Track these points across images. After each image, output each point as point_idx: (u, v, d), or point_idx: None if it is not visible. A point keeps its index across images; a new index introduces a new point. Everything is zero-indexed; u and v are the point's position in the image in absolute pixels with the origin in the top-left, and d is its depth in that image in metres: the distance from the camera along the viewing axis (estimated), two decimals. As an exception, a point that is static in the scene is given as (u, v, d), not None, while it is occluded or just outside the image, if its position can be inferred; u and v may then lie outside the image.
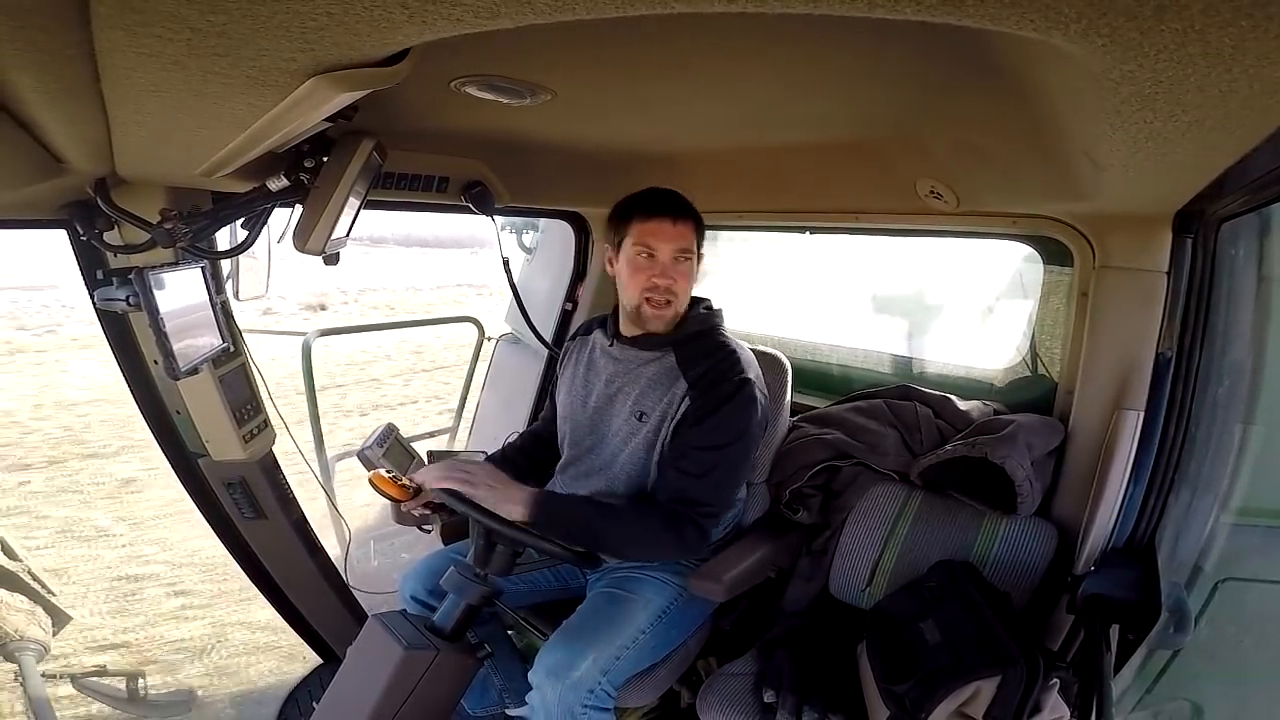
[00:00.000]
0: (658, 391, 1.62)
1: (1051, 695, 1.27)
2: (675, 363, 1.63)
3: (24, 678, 2.07)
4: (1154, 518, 1.50)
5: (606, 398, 1.70)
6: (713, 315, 1.70)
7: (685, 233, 1.58)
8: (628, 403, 1.66)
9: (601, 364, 1.74)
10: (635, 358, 1.68)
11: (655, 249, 1.57)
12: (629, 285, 1.61)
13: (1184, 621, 1.32)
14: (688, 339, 1.65)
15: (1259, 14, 0.47)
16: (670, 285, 1.58)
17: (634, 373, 1.67)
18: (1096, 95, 0.69)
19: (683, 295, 1.61)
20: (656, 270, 1.57)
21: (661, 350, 1.65)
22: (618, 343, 1.70)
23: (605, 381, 1.71)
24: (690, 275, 1.61)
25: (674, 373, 1.62)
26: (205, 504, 1.83)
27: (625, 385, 1.67)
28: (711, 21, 0.86)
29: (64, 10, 0.56)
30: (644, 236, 1.57)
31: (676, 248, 1.57)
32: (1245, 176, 0.96)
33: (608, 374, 1.71)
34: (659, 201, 1.59)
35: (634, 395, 1.65)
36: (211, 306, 1.51)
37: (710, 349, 1.64)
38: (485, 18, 0.55)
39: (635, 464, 1.65)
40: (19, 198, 1.20)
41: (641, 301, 1.60)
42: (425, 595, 1.71)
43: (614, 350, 1.71)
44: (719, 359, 1.62)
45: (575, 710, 1.42)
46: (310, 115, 0.84)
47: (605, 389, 1.71)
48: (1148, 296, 1.52)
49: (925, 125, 1.39)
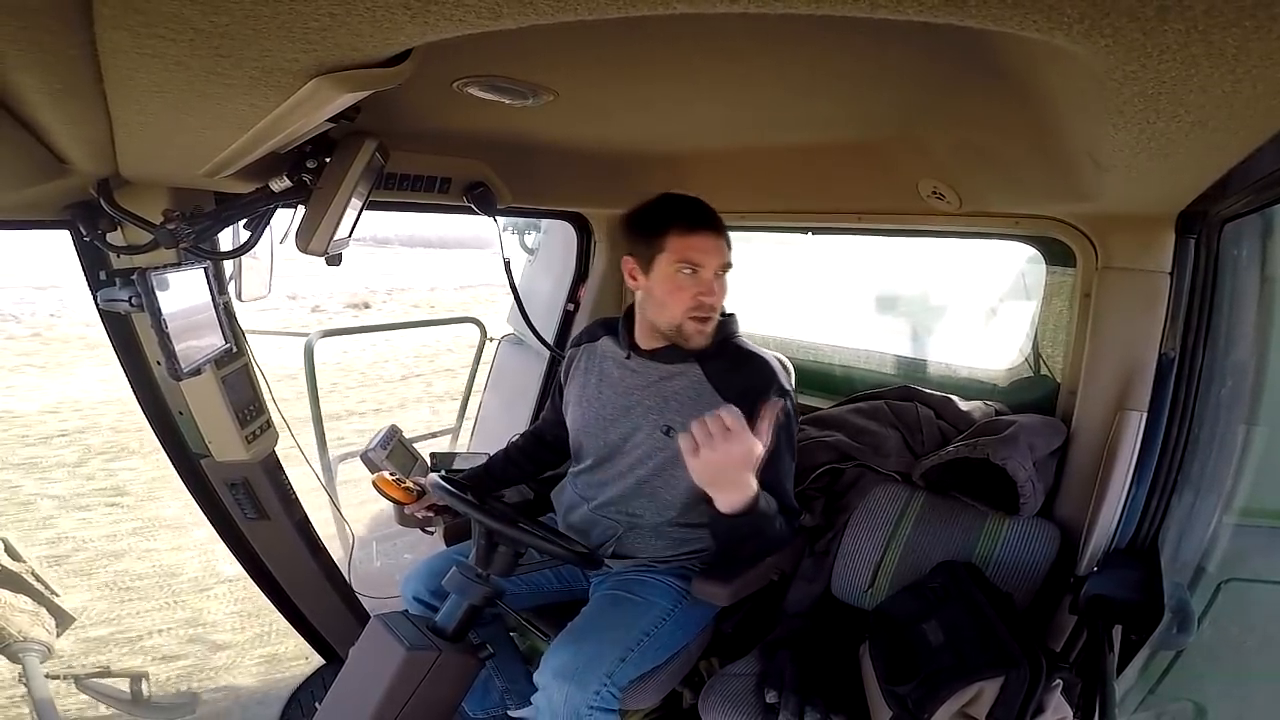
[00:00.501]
0: (686, 408, 1.59)
1: (1054, 696, 1.26)
2: (703, 376, 1.60)
3: (28, 678, 2.07)
4: (1157, 518, 1.50)
5: (623, 409, 1.67)
6: (730, 322, 1.67)
7: (725, 247, 1.54)
8: (650, 416, 1.63)
9: (616, 376, 1.70)
10: (656, 371, 1.64)
11: (701, 265, 1.52)
12: (669, 303, 1.55)
13: (1187, 622, 1.32)
14: (712, 350, 1.62)
15: (1262, 14, 0.47)
16: (714, 302, 1.55)
17: (655, 387, 1.64)
18: (1099, 96, 0.69)
19: (719, 310, 1.58)
20: (703, 288, 1.53)
21: (685, 363, 1.62)
22: (635, 355, 1.66)
23: (622, 394, 1.68)
24: (726, 289, 1.58)
25: (703, 386, 1.60)
26: (208, 504, 1.83)
27: (644, 398, 1.65)
28: (714, 22, 0.86)
29: (67, 11, 0.56)
30: (688, 252, 1.51)
31: (720, 263, 1.53)
32: (1248, 177, 0.96)
33: (624, 387, 1.68)
34: (698, 214, 1.54)
35: (657, 409, 1.62)
36: (214, 307, 1.51)
37: (738, 360, 1.62)
38: (487, 18, 0.55)
39: (663, 479, 1.63)
40: (22, 198, 1.20)
41: (684, 320, 1.55)
42: (427, 596, 1.70)
43: (631, 363, 1.67)
44: (752, 370, 1.60)
45: (581, 711, 1.42)
46: (313, 116, 0.84)
47: (622, 401, 1.68)
48: (1150, 297, 1.52)
49: (927, 126, 1.39)
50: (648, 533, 1.68)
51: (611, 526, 1.70)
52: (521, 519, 1.54)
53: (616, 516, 1.70)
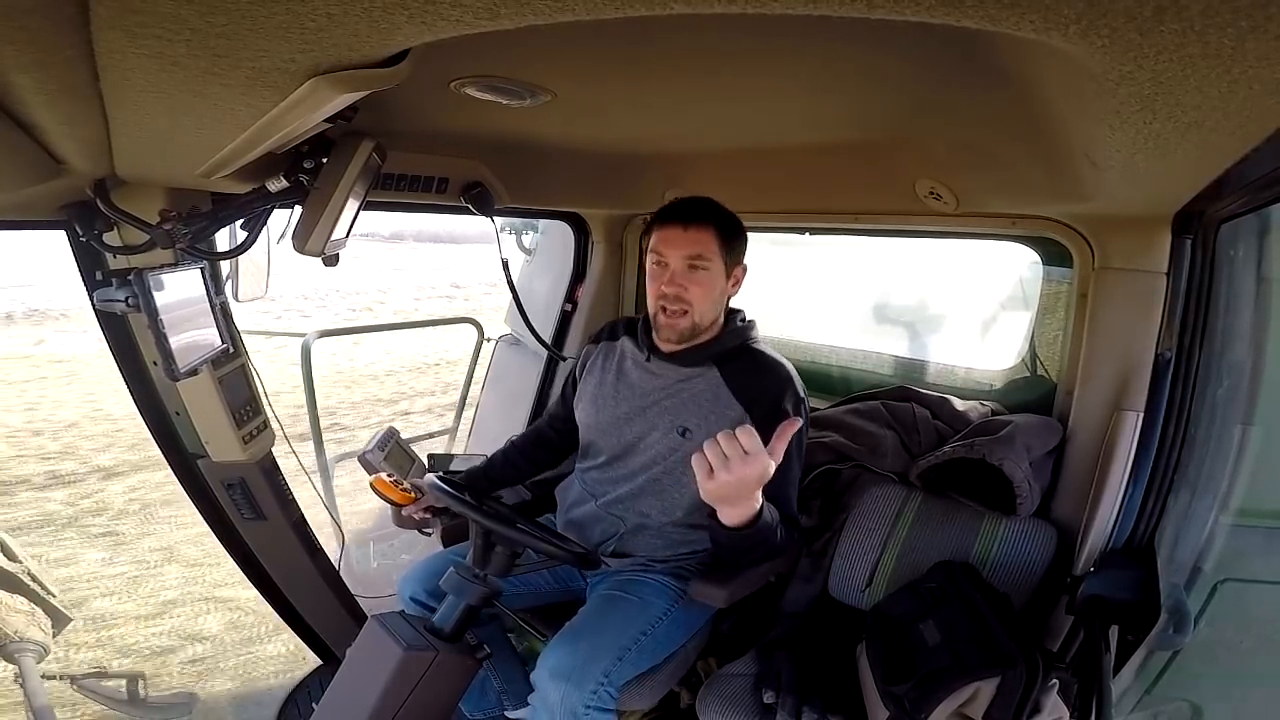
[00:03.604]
0: (703, 409, 1.61)
1: (1051, 696, 1.27)
2: (721, 379, 1.62)
3: (24, 679, 2.06)
4: (1153, 518, 1.50)
5: (639, 409, 1.69)
6: (749, 327, 1.69)
7: (699, 239, 1.54)
8: (665, 417, 1.65)
9: (635, 377, 1.72)
10: (675, 374, 1.66)
11: (666, 257, 1.55)
12: (648, 295, 1.61)
13: (1183, 622, 1.32)
14: (728, 353, 1.63)
15: (1258, 14, 0.47)
16: (679, 294, 1.55)
17: (673, 389, 1.66)
18: (1096, 96, 0.69)
19: (700, 305, 1.57)
20: (666, 278, 1.56)
21: (703, 366, 1.64)
22: (655, 358, 1.68)
23: (640, 395, 1.69)
24: (709, 284, 1.57)
25: (719, 389, 1.61)
26: (204, 505, 1.83)
27: (662, 400, 1.66)
28: (712, 22, 0.86)
29: (63, 11, 0.56)
30: (657, 245, 1.57)
31: (687, 254, 1.54)
32: (1245, 177, 0.96)
33: (643, 388, 1.69)
34: (675, 208, 1.57)
35: (674, 410, 1.64)
36: (211, 307, 1.51)
37: (755, 365, 1.63)
38: (485, 19, 0.55)
39: (674, 479, 1.65)
40: (18, 199, 1.20)
41: (656, 312, 1.59)
42: (425, 596, 1.70)
43: (651, 365, 1.69)
44: (770, 376, 1.61)
45: (579, 711, 1.42)
46: (310, 116, 0.84)
47: (639, 402, 1.69)
48: (1147, 297, 1.52)
49: (925, 126, 1.39)
50: (651, 532, 1.69)
51: (615, 524, 1.71)
52: (519, 519, 1.54)
53: (623, 514, 1.70)
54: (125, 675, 2.33)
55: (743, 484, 1.22)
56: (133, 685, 2.29)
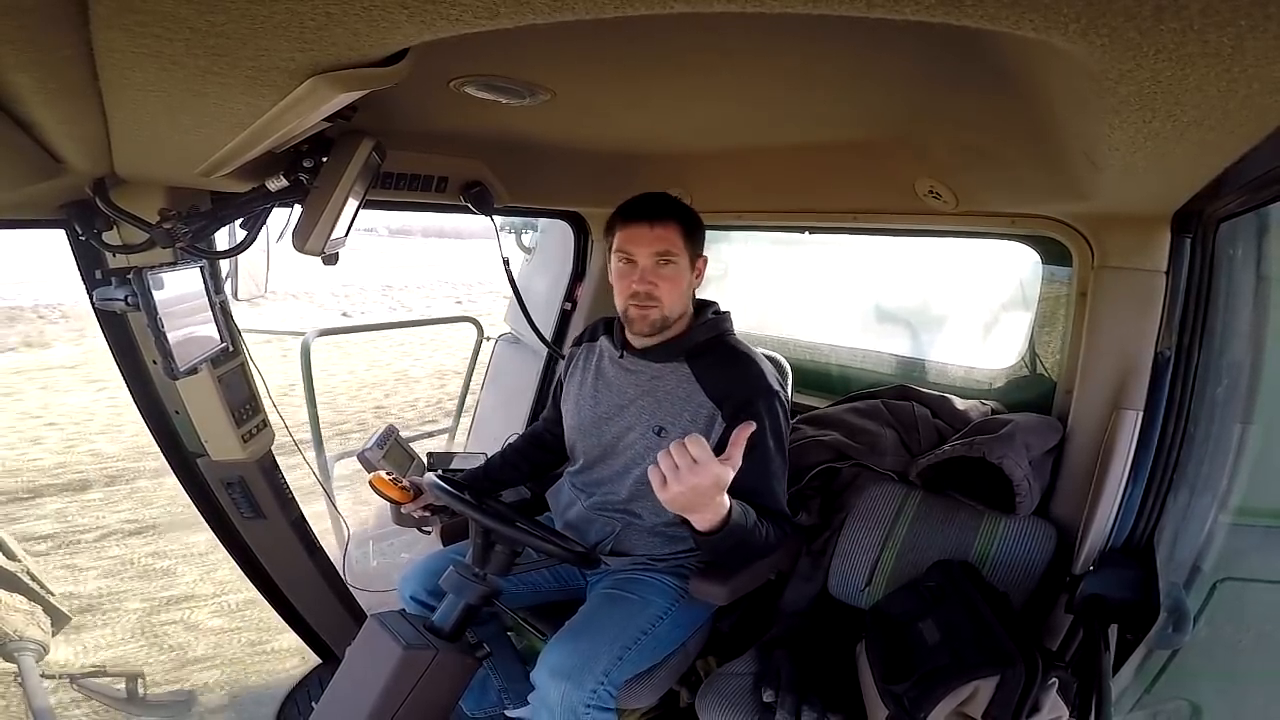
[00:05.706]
0: (676, 406, 1.61)
1: (1050, 695, 1.27)
2: (690, 374, 1.61)
3: (23, 678, 2.07)
4: (1153, 517, 1.50)
5: (617, 408, 1.69)
6: (722, 320, 1.68)
7: (665, 235, 1.55)
8: (643, 416, 1.64)
9: (611, 374, 1.72)
10: (647, 369, 1.66)
11: (634, 254, 1.56)
12: (617, 294, 1.61)
13: (1182, 621, 1.32)
14: (699, 347, 1.63)
15: (1257, 13, 0.47)
16: (650, 290, 1.56)
17: (647, 385, 1.65)
18: (1095, 95, 0.69)
19: (669, 299, 1.58)
20: (635, 276, 1.56)
21: (674, 361, 1.63)
22: (628, 354, 1.69)
23: (616, 393, 1.69)
24: (677, 279, 1.57)
25: (690, 385, 1.61)
26: (204, 504, 1.83)
27: (638, 398, 1.66)
28: (711, 21, 0.86)
29: (63, 10, 0.56)
30: (623, 243, 1.57)
31: (654, 251, 1.54)
32: (1244, 176, 0.96)
33: (619, 386, 1.69)
34: (638, 206, 1.58)
35: (650, 409, 1.64)
36: (210, 306, 1.51)
37: (725, 358, 1.63)
38: (485, 18, 0.55)
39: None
40: (17, 198, 1.20)
41: (627, 307, 1.59)
42: (424, 595, 1.70)
43: (625, 362, 1.69)
44: (738, 370, 1.60)
45: (579, 710, 1.42)
46: (309, 115, 0.84)
47: (616, 400, 1.69)
48: (1146, 296, 1.52)
49: (924, 125, 1.39)
50: (645, 531, 1.68)
51: (609, 524, 1.71)
52: (518, 518, 1.54)
53: (614, 515, 1.70)
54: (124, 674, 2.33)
55: (696, 492, 1.21)
56: (132, 684, 2.29)
